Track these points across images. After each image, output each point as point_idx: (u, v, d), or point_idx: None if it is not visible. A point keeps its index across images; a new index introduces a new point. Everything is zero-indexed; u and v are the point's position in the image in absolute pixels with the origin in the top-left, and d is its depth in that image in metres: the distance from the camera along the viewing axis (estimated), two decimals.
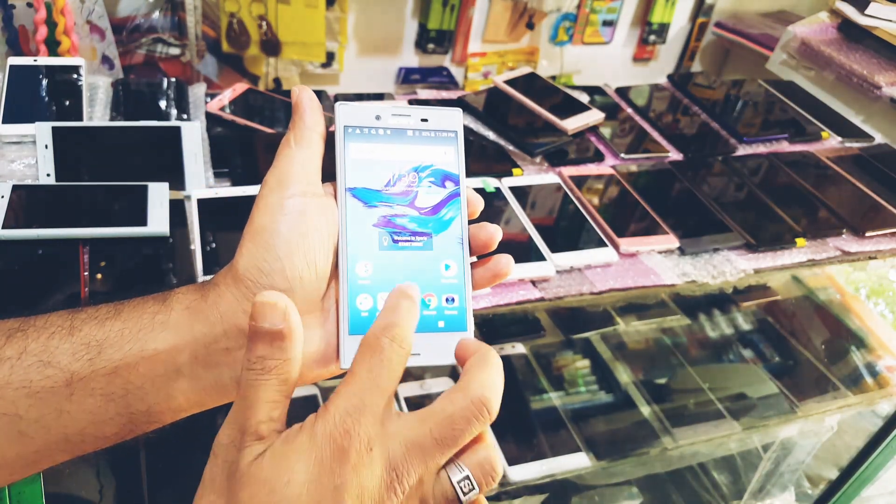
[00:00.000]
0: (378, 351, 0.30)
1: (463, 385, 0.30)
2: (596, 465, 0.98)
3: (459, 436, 0.29)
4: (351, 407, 0.28)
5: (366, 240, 0.35)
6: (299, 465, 0.28)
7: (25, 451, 0.32)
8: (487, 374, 0.31)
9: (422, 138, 0.38)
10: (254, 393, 0.29)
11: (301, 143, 0.36)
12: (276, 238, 0.33)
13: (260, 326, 0.29)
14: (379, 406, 0.29)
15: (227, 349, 0.33)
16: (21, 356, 0.32)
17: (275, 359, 0.29)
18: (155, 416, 0.33)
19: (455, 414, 0.29)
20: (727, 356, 1.25)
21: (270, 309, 0.28)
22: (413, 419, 0.30)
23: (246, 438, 0.28)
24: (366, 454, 0.28)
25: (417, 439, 0.29)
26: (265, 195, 0.35)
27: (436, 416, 0.29)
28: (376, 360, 0.29)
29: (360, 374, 0.29)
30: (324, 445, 0.28)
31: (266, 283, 0.33)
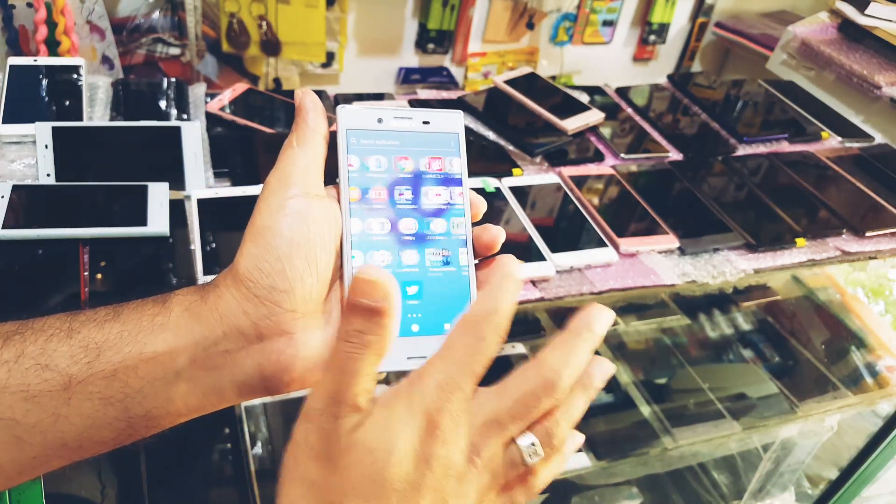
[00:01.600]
0: (480, 338, 0.30)
1: (538, 362, 0.31)
2: (596, 465, 0.98)
3: (533, 412, 0.31)
4: (445, 383, 0.29)
5: (369, 242, 0.35)
6: (400, 434, 0.29)
7: (22, 456, 0.32)
8: (562, 353, 0.32)
9: (424, 141, 0.38)
10: (352, 365, 0.29)
11: (303, 145, 0.35)
12: (278, 239, 0.33)
13: (360, 301, 0.29)
14: (470, 388, 0.30)
15: (226, 352, 0.33)
16: (18, 359, 0.31)
17: (374, 334, 0.29)
18: (153, 420, 0.33)
19: (528, 391, 0.31)
20: (727, 356, 1.25)
21: (372, 286, 0.29)
22: (491, 396, 0.31)
23: (343, 408, 0.29)
24: (454, 431, 0.29)
25: (496, 416, 0.30)
26: (267, 196, 0.34)
27: (512, 394, 0.31)
28: (476, 346, 0.30)
29: (457, 353, 0.30)
30: (419, 416, 0.29)
31: (267, 283, 0.33)
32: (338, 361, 0.29)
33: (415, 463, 0.29)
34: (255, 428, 0.92)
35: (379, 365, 0.30)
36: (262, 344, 0.33)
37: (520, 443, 0.31)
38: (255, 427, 0.92)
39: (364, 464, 0.28)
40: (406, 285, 0.35)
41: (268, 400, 0.94)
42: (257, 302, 0.33)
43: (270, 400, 0.94)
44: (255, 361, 0.33)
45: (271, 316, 0.33)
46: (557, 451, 0.33)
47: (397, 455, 0.28)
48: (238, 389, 0.34)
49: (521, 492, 0.33)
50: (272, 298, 0.33)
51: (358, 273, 0.29)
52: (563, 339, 0.32)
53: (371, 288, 0.29)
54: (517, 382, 0.31)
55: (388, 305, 0.29)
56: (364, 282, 0.29)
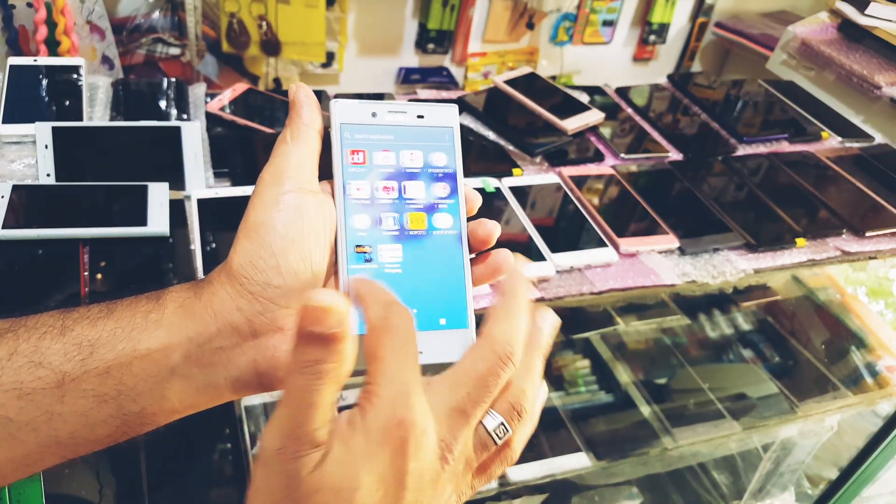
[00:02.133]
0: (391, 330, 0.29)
1: (486, 338, 0.31)
2: (596, 465, 0.98)
3: (493, 391, 0.30)
4: (395, 394, 0.28)
5: (363, 237, 0.35)
6: (362, 466, 0.27)
7: (16, 454, 0.31)
8: (507, 321, 0.31)
9: (418, 135, 0.38)
10: (307, 398, 0.27)
11: (297, 140, 0.35)
12: (272, 234, 0.33)
13: (312, 330, 0.26)
14: (418, 382, 0.29)
15: (220, 348, 0.33)
16: (11, 357, 0.31)
17: (329, 362, 0.27)
18: (148, 417, 0.33)
19: (485, 371, 0.30)
20: (727, 356, 1.25)
21: (324, 313, 0.26)
22: (448, 385, 0.30)
23: (303, 446, 0.27)
24: (423, 437, 0.28)
25: (458, 404, 0.30)
26: (260, 191, 0.34)
27: (468, 378, 0.30)
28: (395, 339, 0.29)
29: (385, 357, 0.29)
30: (382, 441, 0.28)
31: (261, 280, 0.33)
32: (292, 395, 0.27)
33: (385, 488, 0.28)
34: (255, 428, 0.92)
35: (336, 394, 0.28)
36: (256, 340, 0.33)
37: (488, 426, 0.31)
38: (255, 427, 0.92)
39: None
40: (401, 280, 0.35)
41: (268, 399, 0.94)
42: (251, 298, 0.33)
43: (270, 400, 0.94)
44: (250, 358, 0.33)
45: (265, 312, 0.33)
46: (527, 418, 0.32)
47: (364, 490, 0.27)
48: (233, 386, 0.34)
49: (497, 465, 0.33)
50: (266, 294, 0.33)
51: (307, 300, 0.27)
52: (500, 306, 0.32)
53: (323, 314, 0.26)
54: (471, 364, 0.30)
55: (341, 330, 0.27)
56: (314, 309, 0.26)
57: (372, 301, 0.30)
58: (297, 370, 0.27)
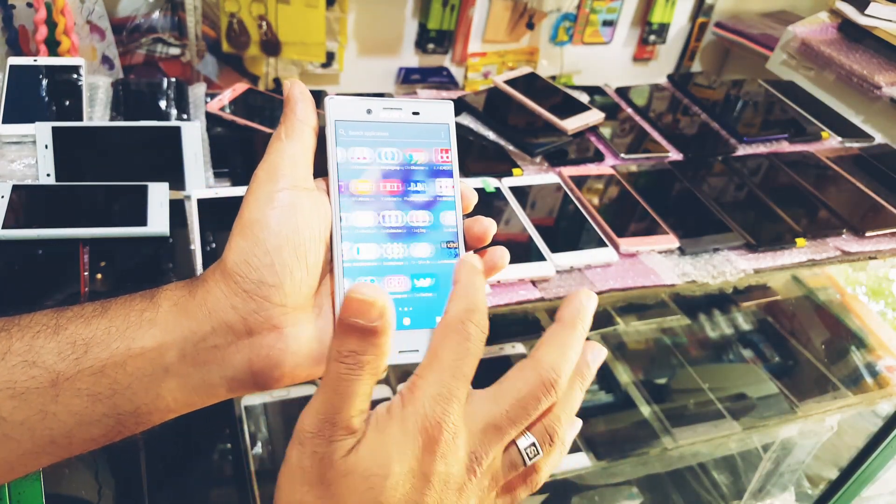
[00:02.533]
0: (465, 339, 0.30)
1: (535, 361, 0.31)
2: (596, 465, 0.98)
3: (532, 413, 0.31)
4: (438, 395, 0.29)
5: (359, 235, 0.35)
6: (395, 456, 0.28)
7: (10, 454, 0.31)
8: (559, 349, 0.31)
9: (414, 131, 0.37)
10: (346, 387, 0.28)
11: (292, 137, 0.35)
12: (266, 232, 0.33)
13: (354, 322, 0.28)
14: (464, 394, 0.30)
15: (215, 347, 0.33)
16: (5, 356, 0.31)
17: (368, 354, 0.28)
18: (143, 416, 0.33)
19: (527, 394, 0.30)
20: (727, 356, 1.25)
21: (367, 306, 0.28)
22: (488, 400, 0.30)
23: (338, 431, 0.28)
24: (453, 443, 0.29)
25: (494, 421, 0.30)
26: (255, 189, 0.34)
27: (509, 397, 0.30)
28: (462, 348, 0.30)
29: (445, 359, 0.30)
30: (416, 435, 0.29)
31: (255, 278, 0.32)
32: (331, 382, 0.29)
33: (413, 483, 0.28)
34: (255, 428, 0.92)
35: (373, 384, 0.29)
36: (251, 339, 0.33)
37: (520, 444, 0.31)
38: (255, 427, 0.92)
39: (360, 490, 0.28)
40: (396, 277, 0.35)
41: (268, 399, 0.94)
42: (246, 297, 0.32)
43: (270, 399, 0.94)
44: (245, 357, 0.33)
45: (260, 311, 0.33)
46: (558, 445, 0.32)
47: (393, 478, 0.28)
48: (228, 385, 0.34)
49: (523, 489, 0.33)
50: (261, 293, 0.32)
51: (350, 291, 0.28)
52: (556, 334, 0.32)
53: (365, 307, 0.28)
54: (515, 384, 0.31)
55: (383, 324, 0.28)
56: (357, 301, 0.28)
57: (462, 296, 0.31)
58: (337, 359, 0.28)
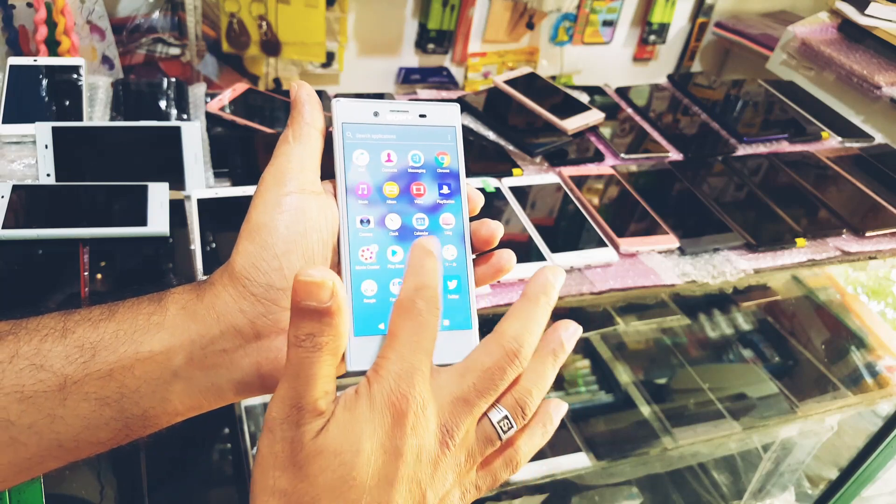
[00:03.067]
0: (416, 314, 0.30)
1: (498, 334, 0.31)
2: (596, 465, 0.98)
3: (499, 385, 0.31)
4: (402, 371, 0.29)
5: (366, 238, 0.35)
6: (364, 432, 0.29)
7: (17, 458, 0.31)
8: (521, 321, 0.32)
9: (420, 134, 0.38)
10: (307, 370, 0.28)
11: (299, 140, 0.35)
12: (274, 236, 0.33)
13: (306, 304, 0.28)
14: (426, 367, 0.30)
15: (223, 350, 0.33)
16: (12, 360, 0.31)
17: (325, 335, 0.28)
18: (150, 420, 0.33)
19: (492, 365, 0.31)
20: (727, 356, 1.25)
21: (316, 287, 0.28)
22: (455, 374, 0.31)
23: (305, 415, 0.29)
24: (422, 415, 0.29)
25: (462, 394, 0.30)
26: (262, 192, 0.34)
27: (474, 369, 0.31)
28: (416, 324, 0.30)
29: (402, 337, 0.30)
30: (384, 410, 0.29)
31: (263, 281, 0.32)
32: (292, 368, 0.29)
33: (385, 457, 0.29)
34: (255, 428, 0.92)
35: (335, 365, 0.29)
36: (259, 342, 0.33)
37: (492, 418, 0.31)
38: (255, 427, 0.92)
39: (332, 467, 0.28)
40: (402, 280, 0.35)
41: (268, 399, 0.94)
42: (254, 300, 0.33)
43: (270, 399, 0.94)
44: (253, 360, 0.33)
45: (269, 314, 0.33)
46: (534, 421, 0.33)
47: (365, 454, 0.28)
48: (235, 388, 0.34)
49: (502, 466, 0.33)
50: (269, 296, 0.33)
51: (298, 274, 0.28)
52: (519, 307, 0.32)
53: (315, 289, 0.28)
54: (479, 357, 0.31)
55: (335, 304, 0.28)
56: (306, 283, 0.28)
57: (411, 275, 0.31)
58: (295, 343, 0.28)
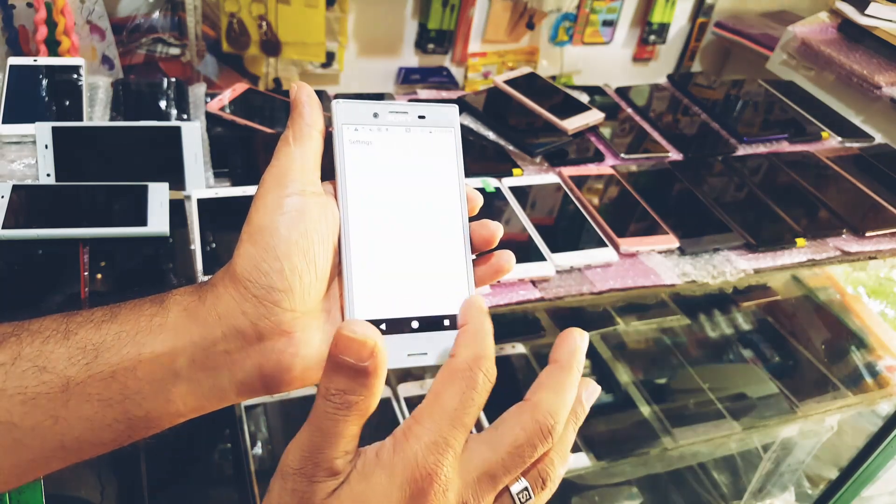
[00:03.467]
0: (471, 387, 0.29)
1: (533, 406, 0.30)
2: (596, 465, 0.98)
3: (528, 460, 0.30)
4: (433, 444, 0.28)
5: (367, 239, 0.35)
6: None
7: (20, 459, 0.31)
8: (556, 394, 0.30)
9: (420, 135, 0.38)
10: (331, 427, 0.27)
11: (300, 141, 0.35)
12: (275, 238, 0.33)
13: (343, 360, 0.27)
14: (461, 444, 0.28)
15: (226, 352, 0.33)
16: (15, 362, 0.31)
17: (357, 395, 0.27)
18: (153, 421, 0.33)
19: (524, 441, 0.29)
20: (727, 356, 1.25)
21: (358, 345, 0.27)
22: (484, 446, 0.29)
23: (320, 471, 0.28)
24: (443, 496, 0.28)
25: (489, 469, 0.29)
26: (263, 194, 0.34)
27: (505, 443, 0.29)
28: (468, 397, 0.29)
29: (447, 405, 0.28)
30: (403, 486, 0.27)
31: (265, 283, 0.32)
32: (317, 420, 0.28)
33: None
34: (255, 428, 0.92)
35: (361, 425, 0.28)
36: (261, 344, 0.33)
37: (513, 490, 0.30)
38: (255, 427, 0.92)
39: None
40: (404, 281, 0.35)
41: (268, 400, 0.94)
42: (256, 302, 0.33)
43: (270, 400, 0.94)
44: (255, 361, 0.33)
45: (270, 316, 0.33)
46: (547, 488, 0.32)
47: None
48: (238, 389, 0.34)
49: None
50: (271, 298, 0.33)
51: (342, 328, 0.27)
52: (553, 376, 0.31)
53: (356, 346, 0.27)
54: (512, 430, 0.30)
55: (374, 364, 0.27)
56: (347, 339, 0.27)
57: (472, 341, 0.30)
58: (325, 396, 0.27)
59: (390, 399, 0.98)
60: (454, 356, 0.30)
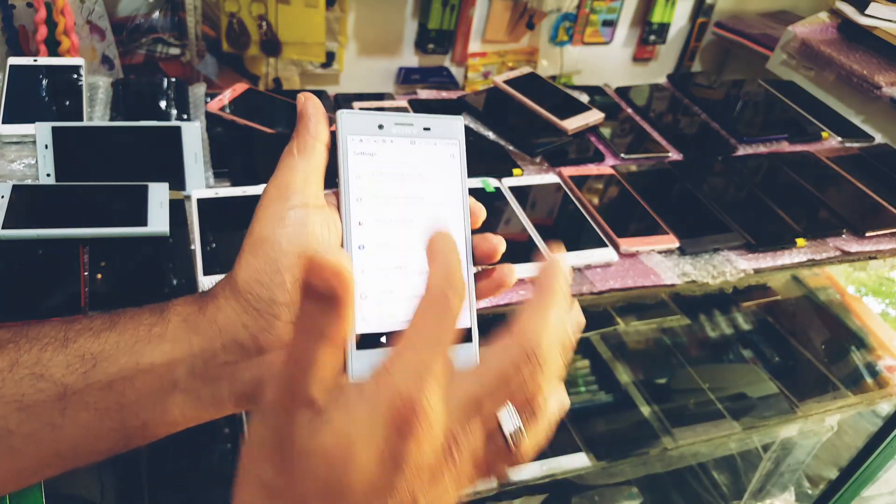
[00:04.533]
0: (447, 309, 0.27)
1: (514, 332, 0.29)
2: (596, 465, 0.98)
3: (514, 387, 0.28)
4: (413, 370, 0.26)
5: (369, 251, 0.35)
6: (360, 439, 0.26)
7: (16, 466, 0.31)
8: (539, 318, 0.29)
9: (424, 147, 0.38)
10: (304, 355, 0.26)
11: (304, 153, 0.35)
12: (277, 250, 0.33)
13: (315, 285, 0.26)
14: (441, 367, 0.27)
15: (225, 363, 0.33)
16: (13, 368, 0.31)
17: (328, 320, 0.26)
18: (150, 430, 0.33)
19: (507, 365, 0.28)
20: (727, 356, 1.25)
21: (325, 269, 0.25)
22: (470, 379, 0.28)
23: (295, 403, 0.26)
24: (428, 424, 0.26)
25: (474, 396, 0.28)
26: (266, 205, 0.34)
27: (490, 373, 0.28)
28: (441, 315, 0.27)
29: (424, 332, 0.27)
30: (386, 416, 0.26)
31: (266, 296, 0.32)
32: (292, 351, 0.27)
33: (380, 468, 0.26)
34: None
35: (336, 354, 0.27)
36: (261, 357, 0.33)
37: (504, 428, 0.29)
38: None
39: (320, 472, 0.26)
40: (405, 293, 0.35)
41: None
42: (257, 315, 0.32)
43: None
44: (255, 373, 0.33)
45: (271, 329, 0.32)
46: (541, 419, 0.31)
47: (358, 463, 0.26)
48: (236, 400, 0.33)
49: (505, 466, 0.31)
50: (272, 311, 0.32)
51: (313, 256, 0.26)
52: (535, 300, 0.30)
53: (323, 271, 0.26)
54: (495, 357, 0.29)
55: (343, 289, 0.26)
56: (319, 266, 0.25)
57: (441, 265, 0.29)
58: (298, 326, 0.27)
59: None
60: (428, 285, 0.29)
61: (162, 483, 0.85)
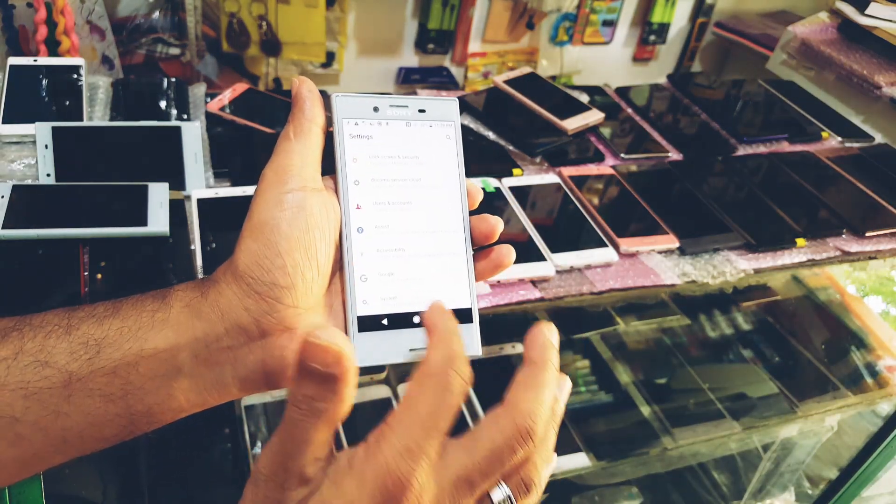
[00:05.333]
0: (445, 388, 0.28)
1: (511, 407, 0.29)
2: (596, 465, 0.98)
3: (507, 464, 0.29)
4: (406, 450, 0.27)
5: (368, 234, 0.35)
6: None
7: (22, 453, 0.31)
8: (534, 393, 0.30)
9: (420, 129, 0.38)
10: (300, 434, 0.27)
11: (300, 136, 0.35)
12: (276, 234, 0.33)
13: (310, 366, 0.26)
14: (436, 450, 0.27)
15: (228, 348, 0.33)
16: (17, 356, 0.31)
17: (325, 402, 0.27)
18: (155, 416, 0.33)
19: (503, 444, 0.29)
20: (727, 356, 1.25)
21: (323, 352, 0.26)
22: (461, 451, 0.29)
23: (290, 479, 0.27)
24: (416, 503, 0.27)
25: (467, 475, 0.28)
26: (264, 190, 0.34)
27: (483, 447, 0.28)
28: (442, 400, 0.28)
29: (421, 410, 0.28)
30: (374, 494, 0.26)
31: (267, 280, 0.32)
32: (287, 426, 0.27)
33: None
34: (255, 428, 0.92)
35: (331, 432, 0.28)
36: (264, 340, 0.33)
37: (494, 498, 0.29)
38: (255, 427, 0.92)
39: None
40: (405, 274, 0.35)
41: (268, 399, 0.94)
42: (258, 298, 0.33)
43: (270, 399, 0.94)
44: (258, 357, 0.33)
45: (273, 312, 0.33)
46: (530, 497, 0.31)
47: None
48: (240, 384, 0.34)
49: None
50: (273, 295, 0.33)
51: (308, 335, 0.27)
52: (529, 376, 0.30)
53: (322, 353, 0.26)
54: (489, 433, 0.29)
55: (340, 371, 0.26)
56: (314, 346, 0.26)
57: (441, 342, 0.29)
58: (293, 402, 0.27)
59: (390, 399, 0.98)
60: (426, 360, 0.29)
61: (162, 482, 0.85)
